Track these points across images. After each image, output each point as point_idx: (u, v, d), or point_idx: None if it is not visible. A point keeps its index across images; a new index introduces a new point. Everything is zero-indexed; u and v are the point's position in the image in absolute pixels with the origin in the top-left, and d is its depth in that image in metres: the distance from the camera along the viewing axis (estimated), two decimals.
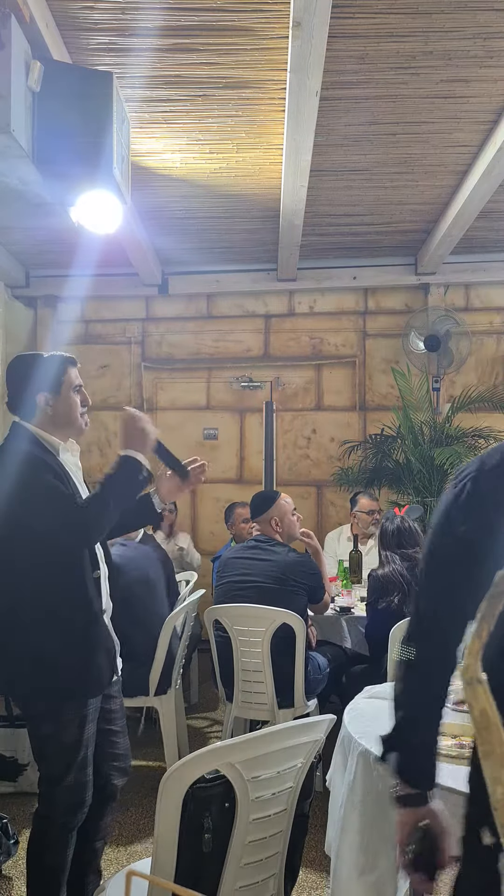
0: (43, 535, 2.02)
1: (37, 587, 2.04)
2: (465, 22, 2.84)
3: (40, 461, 2.05)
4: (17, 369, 2.17)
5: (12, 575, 2.05)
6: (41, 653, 2.02)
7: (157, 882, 1.39)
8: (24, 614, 2.04)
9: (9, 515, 2.00)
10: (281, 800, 1.62)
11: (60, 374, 2.15)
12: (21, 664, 2.05)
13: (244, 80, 3.20)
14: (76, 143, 2.77)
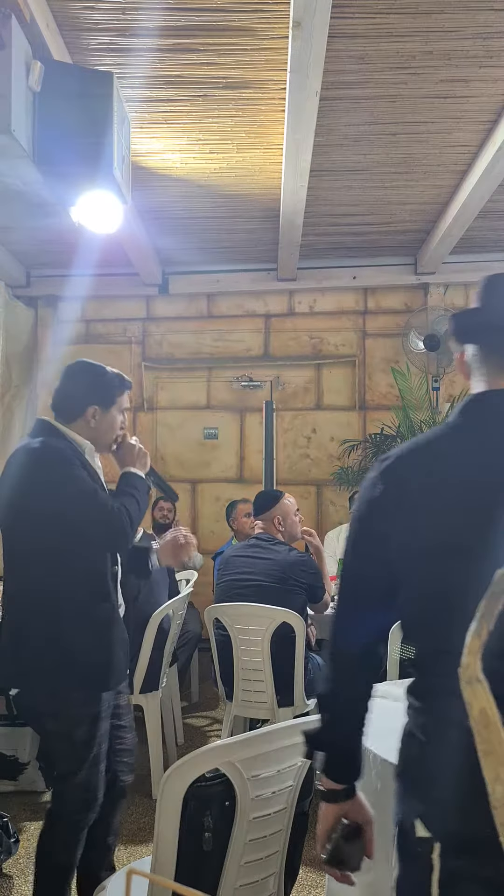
0: (79, 529, 2.05)
1: (63, 579, 2.06)
2: (465, 22, 2.84)
3: (77, 458, 2.12)
4: (77, 375, 2.28)
5: (38, 566, 2.07)
6: (64, 645, 2.03)
7: (158, 881, 1.39)
8: (48, 606, 2.04)
9: (45, 506, 2.03)
10: (281, 798, 1.62)
11: (115, 394, 2.27)
12: (41, 657, 2.03)
13: (244, 80, 3.20)
14: (77, 143, 2.77)
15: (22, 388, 5.77)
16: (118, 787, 2.23)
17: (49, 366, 5.92)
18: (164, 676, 3.54)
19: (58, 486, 2.03)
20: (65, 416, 2.20)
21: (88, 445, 2.19)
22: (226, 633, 3.25)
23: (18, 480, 2.06)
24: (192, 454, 5.86)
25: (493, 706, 0.64)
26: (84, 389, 2.24)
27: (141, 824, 3.13)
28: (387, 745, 1.84)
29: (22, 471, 2.07)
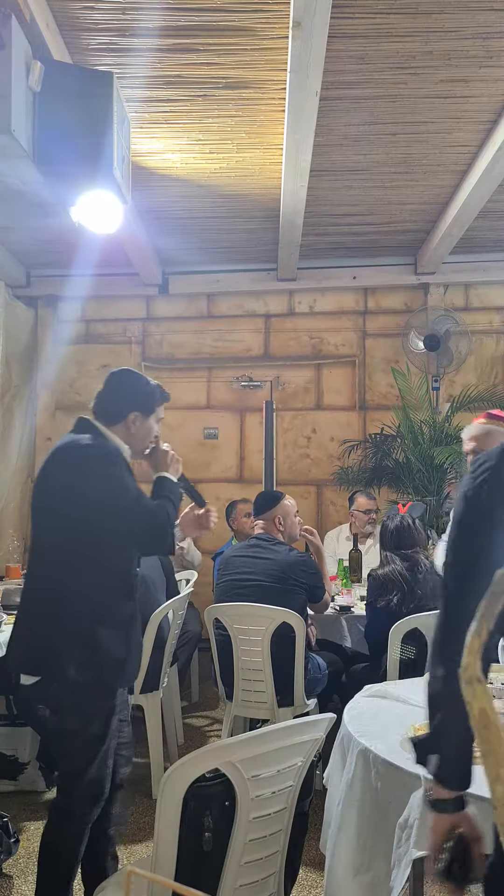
0: (121, 527, 2.15)
1: (93, 574, 2.14)
2: (465, 22, 2.84)
3: (123, 459, 2.23)
4: (122, 382, 2.36)
5: (72, 559, 2.13)
6: (88, 640, 2.10)
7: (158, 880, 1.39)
8: (77, 600, 2.11)
9: (91, 501, 2.11)
10: (281, 798, 1.62)
11: (155, 403, 2.36)
12: (66, 649, 2.08)
13: (244, 80, 3.20)
14: (77, 143, 2.77)
15: (22, 388, 5.77)
16: (116, 778, 2.27)
17: (49, 366, 5.93)
18: (165, 676, 3.54)
19: (106, 483, 2.12)
20: (105, 420, 2.30)
21: (126, 448, 2.30)
22: (226, 633, 3.25)
23: (66, 473, 2.15)
24: (192, 454, 5.85)
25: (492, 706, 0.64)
26: (127, 396, 2.33)
27: (141, 824, 3.13)
28: (386, 745, 1.84)
29: (71, 464, 2.16)
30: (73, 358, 5.96)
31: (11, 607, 3.47)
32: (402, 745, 1.85)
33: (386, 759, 1.78)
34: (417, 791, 1.65)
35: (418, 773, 1.67)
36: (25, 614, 2.24)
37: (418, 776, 1.66)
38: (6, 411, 5.52)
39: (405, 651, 2.99)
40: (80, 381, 5.98)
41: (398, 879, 1.67)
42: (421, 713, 2.05)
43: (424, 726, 1.91)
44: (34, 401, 5.90)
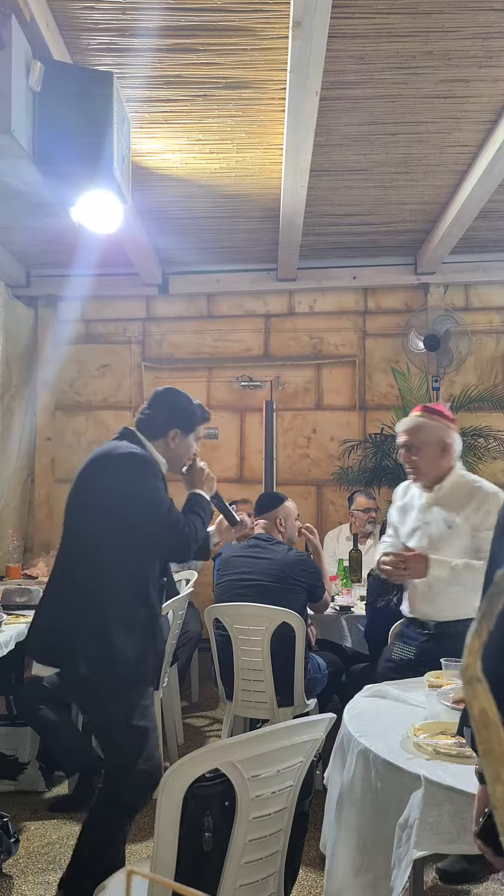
0: (149, 536, 2.27)
1: (116, 579, 2.25)
2: (465, 22, 2.84)
3: (161, 472, 2.38)
4: (167, 399, 2.49)
5: (100, 561, 2.25)
6: (104, 642, 2.19)
7: (158, 881, 1.39)
8: (97, 601, 2.22)
9: (127, 508, 2.23)
10: (281, 798, 1.62)
11: (196, 423, 2.49)
12: (80, 649, 2.20)
13: (244, 80, 3.20)
14: (77, 143, 2.77)
15: (22, 388, 5.77)
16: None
17: (49, 365, 5.93)
18: (165, 676, 3.54)
19: (145, 491, 2.25)
20: (148, 433, 2.41)
21: (164, 462, 2.42)
22: (226, 633, 3.25)
23: (109, 474, 2.28)
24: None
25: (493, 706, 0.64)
26: (170, 413, 2.44)
27: (141, 824, 3.13)
28: (386, 745, 1.85)
29: (115, 467, 2.28)
30: (72, 358, 5.96)
31: (11, 607, 3.48)
32: (402, 744, 1.85)
33: (386, 759, 1.78)
34: (417, 791, 1.65)
35: (418, 773, 1.67)
36: (48, 606, 2.34)
37: (418, 776, 1.67)
38: (6, 411, 5.52)
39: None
40: (80, 380, 5.98)
41: (398, 879, 1.67)
42: (421, 713, 2.05)
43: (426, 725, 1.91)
44: (34, 401, 5.90)
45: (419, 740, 1.82)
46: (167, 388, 2.56)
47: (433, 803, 1.62)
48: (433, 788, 1.62)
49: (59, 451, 5.94)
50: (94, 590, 2.23)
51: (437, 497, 2.72)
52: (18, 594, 3.69)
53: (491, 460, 5.21)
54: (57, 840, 3.01)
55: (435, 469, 2.71)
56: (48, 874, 2.76)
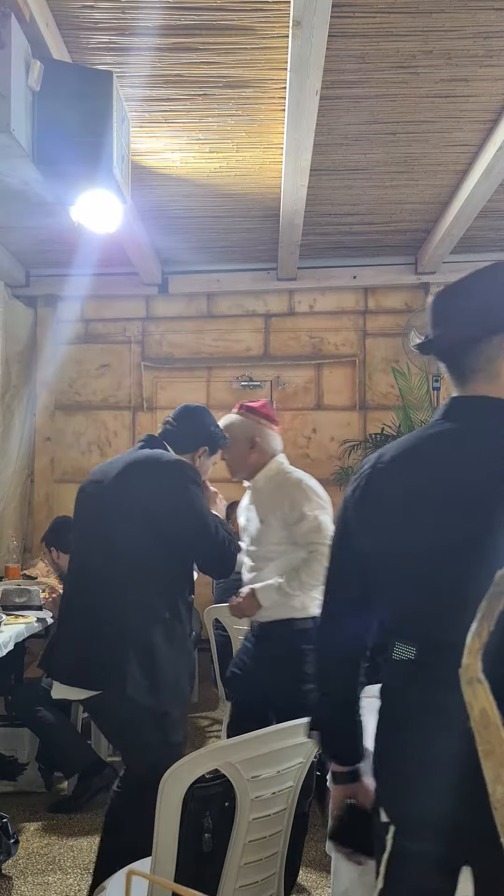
0: (197, 546, 2.31)
1: (168, 595, 2.26)
2: (465, 21, 2.83)
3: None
4: (203, 416, 2.56)
5: (145, 570, 2.24)
6: (150, 660, 2.18)
7: (158, 881, 1.39)
8: (141, 616, 2.20)
9: (175, 520, 2.25)
10: (281, 799, 1.62)
11: (220, 445, 2.57)
12: (126, 667, 2.14)
13: (244, 80, 3.20)
14: (76, 143, 2.76)
15: (21, 388, 5.76)
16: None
17: (48, 365, 5.92)
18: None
19: (195, 505, 2.28)
20: (176, 447, 2.42)
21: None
22: (226, 633, 3.25)
23: (158, 485, 2.26)
24: None
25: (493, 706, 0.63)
26: (202, 431, 2.50)
27: None
28: None
29: (162, 478, 2.27)
30: (72, 358, 5.95)
31: (10, 607, 3.48)
32: None
33: None
34: None
35: None
36: (78, 624, 2.24)
37: None
38: (6, 411, 5.52)
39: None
40: (80, 380, 5.97)
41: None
42: None
43: None
44: (33, 400, 5.90)
45: None
46: (199, 406, 2.63)
47: None
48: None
49: (59, 451, 5.94)
50: (139, 605, 2.17)
51: (252, 493, 2.76)
52: (18, 594, 3.69)
53: None
54: (56, 841, 3.01)
55: (244, 465, 2.75)
56: (47, 875, 2.76)
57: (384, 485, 1.31)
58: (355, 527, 1.34)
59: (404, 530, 1.26)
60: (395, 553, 1.27)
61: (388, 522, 1.29)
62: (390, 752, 1.27)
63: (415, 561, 1.25)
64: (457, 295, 1.35)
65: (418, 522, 1.25)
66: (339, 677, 1.40)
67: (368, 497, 1.33)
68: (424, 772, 1.18)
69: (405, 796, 1.22)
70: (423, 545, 1.24)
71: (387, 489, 1.31)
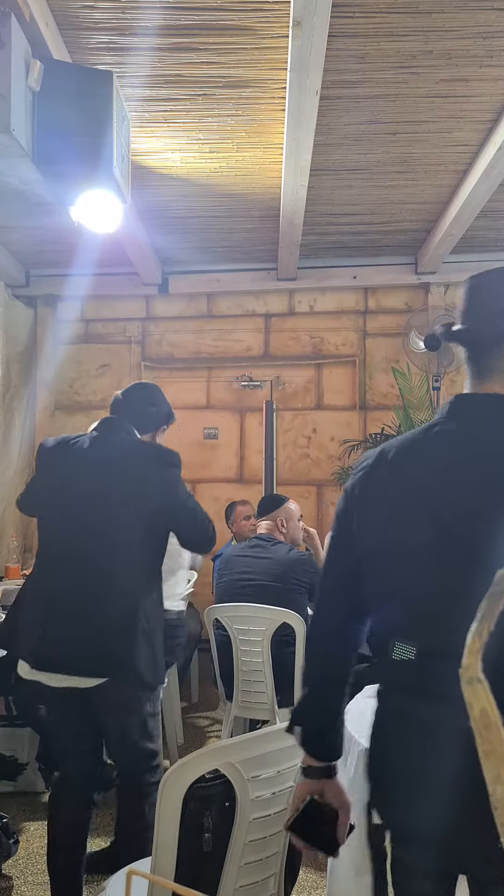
0: (192, 526, 2.37)
1: (154, 574, 2.35)
2: (466, 21, 2.84)
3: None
4: (159, 396, 2.58)
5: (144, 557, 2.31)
6: (156, 642, 2.29)
7: (158, 881, 1.39)
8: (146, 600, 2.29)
9: (162, 502, 2.32)
10: (281, 799, 1.62)
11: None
12: (137, 651, 2.22)
13: (244, 80, 3.20)
14: (76, 143, 2.76)
15: (21, 388, 5.76)
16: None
17: (48, 365, 5.92)
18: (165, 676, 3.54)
19: (177, 486, 2.35)
20: (141, 429, 2.47)
21: None
22: (226, 633, 3.25)
23: (158, 470, 2.32)
24: (192, 454, 5.84)
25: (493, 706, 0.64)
26: (164, 410, 2.56)
27: None
28: None
29: (164, 467, 2.34)
30: (72, 358, 5.95)
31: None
32: None
33: None
34: None
35: None
36: (89, 611, 2.23)
37: None
38: (6, 411, 5.52)
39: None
40: (80, 380, 5.98)
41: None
42: None
43: None
44: (33, 400, 5.90)
45: None
46: (153, 384, 2.66)
47: None
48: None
49: None
50: (142, 589, 2.26)
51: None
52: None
53: None
54: None
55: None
56: (47, 875, 2.75)
57: (386, 480, 1.30)
58: (356, 523, 1.33)
59: (405, 528, 1.25)
60: (398, 551, 1.26)
61: (388, 519, 1.28)
62: (385, 754, 1.26)
63: (416, 559, 1.24)
64: (490, 289, 1.32)
65: (419, 520, 1.23)
66: (328, 675, 1.40)
67: (370, 492, 1.31)
68: (421, 775, 1.17)
69: (400, 799, 1.21)
70: (425, 544, 1.23)
71: (389, 485, 1.29)
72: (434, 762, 1.14)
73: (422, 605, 1.24)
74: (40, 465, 2.49)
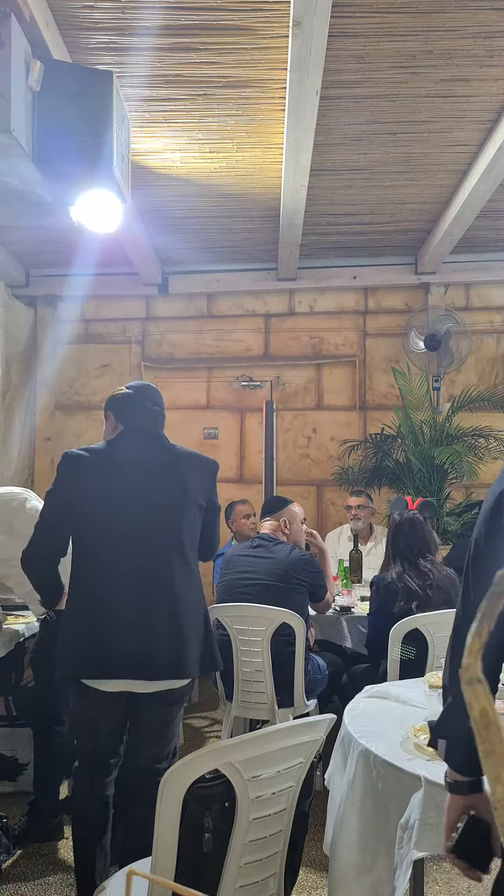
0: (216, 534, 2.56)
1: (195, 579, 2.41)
2: (466, 21, 2.84)
3: None
4: (158, 397, 2.58)
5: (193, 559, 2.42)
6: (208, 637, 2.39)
7: (158, 881, 1.39)
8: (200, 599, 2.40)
9: (211, 505, 2.50)
10: (281, 799, 1.62)
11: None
12: (198, 649, 2.33)
13: (244, 80, 3.20)
14: (76, 143, 2.76)
15: (21, 388, 5.76)
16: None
17: (48, 365, 5.92)
18: None
19: (215, 493, 2.56)
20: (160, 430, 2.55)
21: None
22: (226, 633, 3.24)
23: (209, 478, 2.51)
24: None
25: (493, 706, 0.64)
26: (163, 411, 2.59)
27: None
28: (387, 746, 1.84)
29: (210, 470, 2.53)
30: (72, 358, 5.95)
31: (11, 607, 3.47)
32: (402, 745, 1.85)
33: (386, 759, 1.77)
34: (418, 792, 1.65)
35: (419, 774, 1.67)
36: (171, 615, 2.27)
37: (419, 777, 1.66)
38: (6, 411, 5.52)
39: (406, 652, 2.99)
40: (80, 380, 5.98)
41: (400, 880, 1.66)
42: (421, 714, 2.05)
43: (424, 727, 1.91)
44: (33, 400, 5.90)
45: (419, 741, 1.82)
46: (147, 383, 2.67)
47: (433, 804, 1.61)
48: (433, 789, 1.62)
49: (59, 450, 5.86)
50: (193, 590, 2.35)
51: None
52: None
53: (491, 460, 5.21)
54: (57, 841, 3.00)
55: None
56: (48, 875, 2.76)
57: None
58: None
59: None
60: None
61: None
62: None
63: None
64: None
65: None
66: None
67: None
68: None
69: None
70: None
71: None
72: None
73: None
74: (78, 478, 2.35)
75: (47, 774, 3.05)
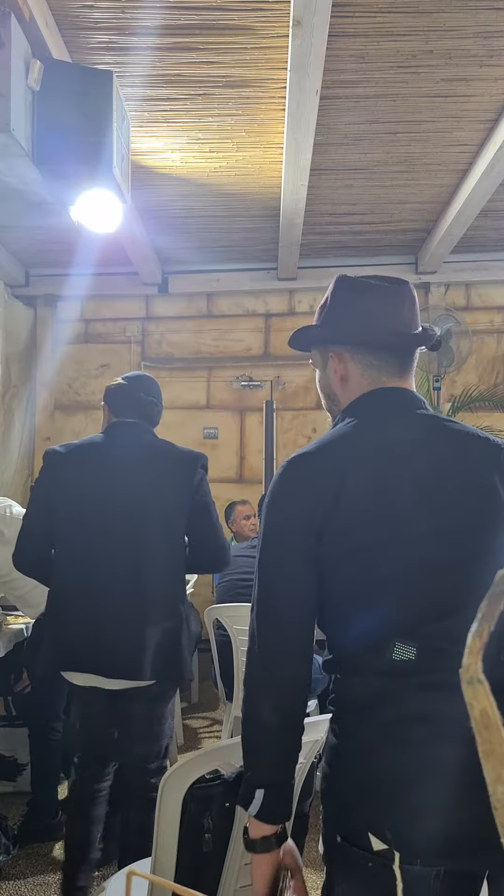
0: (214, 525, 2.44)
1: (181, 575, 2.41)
2: (466, 21, 2.83)
3: None
4: (156, 390, 2.53)
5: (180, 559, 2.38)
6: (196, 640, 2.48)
7: (158, 881, 1.38)
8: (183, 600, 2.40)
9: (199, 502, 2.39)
10: None
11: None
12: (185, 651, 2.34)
13: (244, 79, 3.19)
14: (76, 142, 2.76)
15: (21, 388, 5.76)
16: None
17: (48, 365, 5.92)
18: None
19: (208, 495, 2.44)
20: (151, 423, 2.49)
21: None
22: (226, 633, 3.25)
23: (198, 474, 2.38)
24: None
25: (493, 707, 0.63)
26: (161, 405, 2.54)
27: None
28: None
29: (201, 467, 2.41)
30: (72, 357, 5.95)
31: (11, 608, 3.47)
32: None
33: None
34: None
35: None
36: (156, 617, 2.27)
37: None
38: (6, 411, 5.52)
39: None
40: (80, 380, 5.97)
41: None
42: None
43: None
44: (33, 400, 5.90)
45: None
46: (151, 377, 2.60)
47: None
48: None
49: None
50: (176, 592, 2.36)
51: None
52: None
53: None
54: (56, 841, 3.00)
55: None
56: (47, 875, 2.76)
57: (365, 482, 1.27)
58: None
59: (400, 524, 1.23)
60: (397, 547, 1.23)
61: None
62: (383, 766, 1.15)
63: (418, 556, 1.21)
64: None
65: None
66: (292, 716, 1.26)
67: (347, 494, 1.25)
68: (429, 781, 1.09)
69: (408, 811, 1.10)
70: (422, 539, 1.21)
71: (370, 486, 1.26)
72: (440, 763, 1.08)
73: (425, 602, 1.23)
74: (54, 476, 2.36)
75: (45, 774, 3.05)
